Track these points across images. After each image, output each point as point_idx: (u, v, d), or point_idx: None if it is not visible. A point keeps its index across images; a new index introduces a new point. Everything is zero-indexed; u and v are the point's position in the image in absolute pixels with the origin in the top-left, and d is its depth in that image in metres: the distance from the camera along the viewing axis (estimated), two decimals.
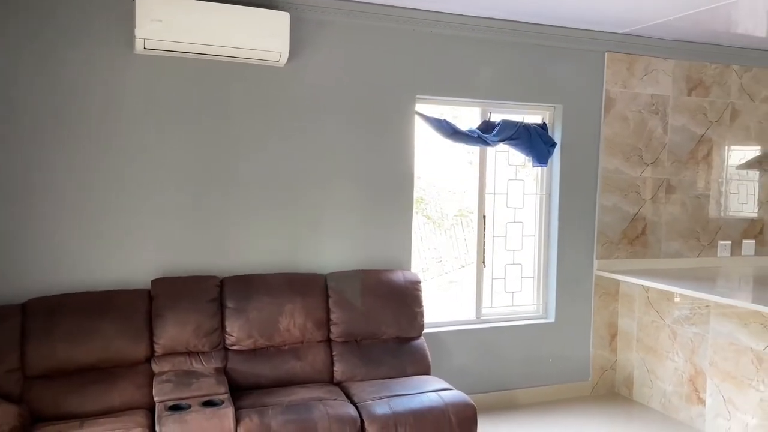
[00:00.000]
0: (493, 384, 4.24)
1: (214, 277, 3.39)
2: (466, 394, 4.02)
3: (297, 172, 3.68)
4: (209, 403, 2.80)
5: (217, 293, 3.33)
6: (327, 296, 3.52)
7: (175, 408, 2.75)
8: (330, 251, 3.76)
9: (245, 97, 3.54)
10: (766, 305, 3.33)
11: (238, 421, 2.77)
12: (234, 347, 3.30)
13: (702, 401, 3.90)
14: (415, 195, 4.04)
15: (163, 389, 2.88)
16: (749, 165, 4.91)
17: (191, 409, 2.73)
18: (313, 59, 3.66)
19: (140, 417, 2.80)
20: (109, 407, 2.92)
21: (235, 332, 3.29)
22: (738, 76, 4.77)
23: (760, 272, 4.61)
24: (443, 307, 6.84)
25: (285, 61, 3.45)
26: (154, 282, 3.29)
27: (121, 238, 3.34)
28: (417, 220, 7.53)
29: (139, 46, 3.15)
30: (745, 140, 4.86)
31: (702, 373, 3.90)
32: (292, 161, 3.66)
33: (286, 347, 3.39)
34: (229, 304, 3.31)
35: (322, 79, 3.69)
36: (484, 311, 4.34)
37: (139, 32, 3.06)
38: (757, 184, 4.95)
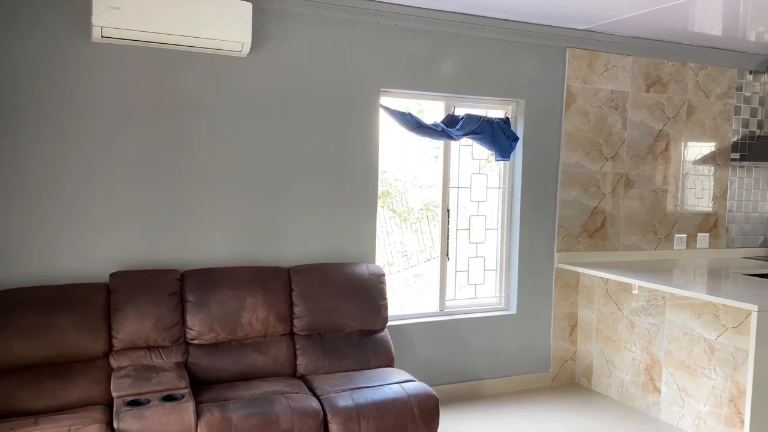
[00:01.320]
0: (456, 375, 4.28)
1: (174, 271, 3.34)
2: (430, 385, 4.08)
3: (260, 165, 3.64)
4: (169, 398, 2.76)
5: (177, 287, 3.28)
6: (290, 289, 3.50)
7: (134, 403, 2.71)
8: (293, 244, 3.75)
9: (206, 88, 3.48)
10: (718, 296, 3.44)
11: (198, 415, 2.74)
12: (195, 341, 3.27)
13: (658, 390, 4.01)
14: (382, 189, 4.04)
15: (122, 384, 2.83)
16: (704, 160, 5.05)
17: (150, 404, 2.69)
18: (276, 50, 3.63)
19: (98, 413, 2.75)
20: (65, 403, 2.86)
21: (197, 326, 3.25)
22: (694, 73, 4.90)
23: (714, 264, 4.75)
24: (408, 300, 6.90)
25: (247, 52, 3.41)
26: (112, 275, 3.22)
27: (78, 232, 3.26)
28: (383, 214, 7.56)
29: (96, 34, 3.08)
30: (701, 136, 5.00)
31: (658, 363, 4.01)
32: (255, 153, 3.63)
33: (249, 341, 3.37)
34: (190, 297, 3.27)
35: (285, 71, 3.66)
36: (447, 304, 4.38)
37: (96, 20, 2.98)
38: (712, 179, 5.10)
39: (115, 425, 2.61)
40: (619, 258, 4.72)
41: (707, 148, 5.05)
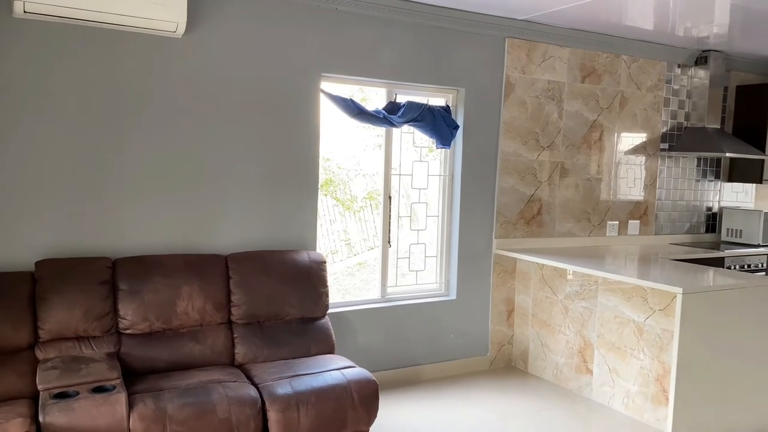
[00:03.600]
0: (397, 361, 4.32)
1: (105, 258, 3.22)
2: (371, 371, 4.10)
3: (196, 150, 3.55)
4: (100, 389, 2.66)
5: (109, 275, 3.17)
6: (228, 277, 3.44)
7: (62, 396, 2.60)
8: (232, 232, 3.67)
9: (139, 70, 3.36)
10: (646, 280, 3.58)
11: (131, 406, 2.66)
12: (128, 331, 3.16)
13: (590, 371, 4.16)
14: (325, 177, 4.01)
15: (48, 376, 2.71)
16: (636, 150, 5.24)
17: (79, 396, 2.59)
18: (213, 32, 3.53)
19: (22, 407, 2.62)
20: None
21: (129, 315, 3.15)
22: (627, 65, 5.06)
23: (644, 250, 4.95)
24: (353, 289, 6.90)
25: (182, 33, 3.30)
26: (38, 264, 3.08)
27: (0, 218, 3.09)
28: (326, 202, 7.51)
29: (18, 8, 2.91)
30: (633, 127, 5.18)
31: (590, 345, 4.15)
32: (191, 138, 3.53)
33: (185, 330, 3.29)
34: (122, 286, 3.16)
35: (222, 53, 3.57)
36: (389, 290, 4.40)
37: None
38: (642, 169, 5.30)
39: (41, 419, 2.50)
40: (554, 244, 4.86)
41: (639, 138, 5.24)
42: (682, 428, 3.46)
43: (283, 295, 3.52)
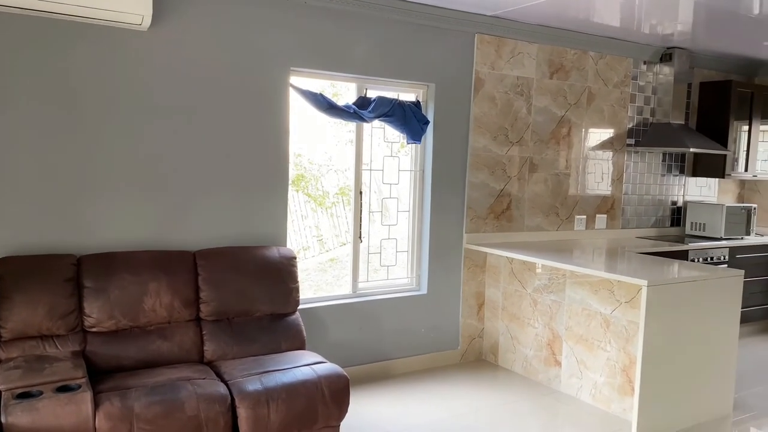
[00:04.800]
0: (369, 356, 4.32)
1: (70, 255, 3.15)
2: (342, 367, 4.10)
3: (163, 145, 3.50)
4: (64, 389, 2.61)
5: (73, 272, 3.11)
6: (196, 274, 3.40)
7: (25, 395, 2.54)
8: (200, 228, 3.63)
9: (103, 63, 3.29)
10: (613, 273, 3.65)
11: (97, 405, 2.61)
12: (94, 329, 3.11)
13: (558, 363, 4.22)
14: (296, 173, 3.99)
15: (10, 376, 2.65)
16: (603, 146, 5.32)
17: (43, 395, 2.54)
18: (180, 26, 3.48)
19: None
20: None
21: (95, 313, 3.09)
22: (594, 62, 5.13)
23: (611, 244, 5.04)
24: (323, 284, 6.88)
25: (148, 26, 3.24)
26: None
27: None
28: (298, 198, 7.47)
29: None
30: (600, 122, 5.26)
31: (558, 338, 4.22)
32: (158, 133, 3.48)
33: (152, 327, 3.25)
34: (88, 283, 3.11)
35: (189, 47, 3.52)
36: (360, 285, 4.40)
37: None
38: (610, 164, 5.38)
39: (2, 419, 2.44)
40: (523, 238, 4.91)
41: (606, 134, 5.32)
42: (647, 417, 3.53)
43: (252, 292, 3.49)
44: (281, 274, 3.63)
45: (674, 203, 5.92)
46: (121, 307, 3.14)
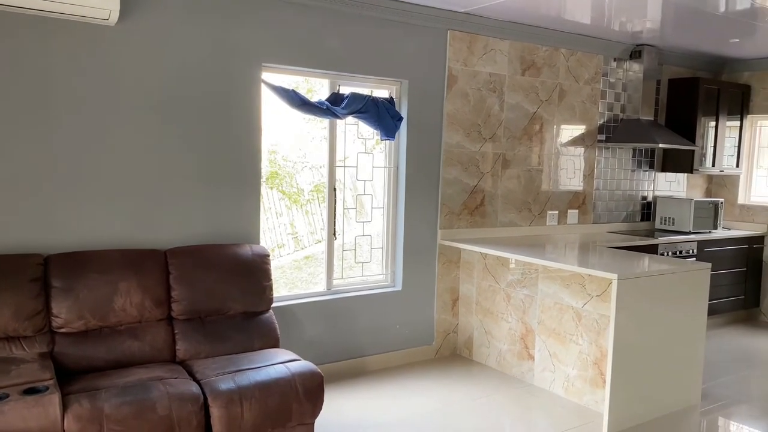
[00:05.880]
0: (344, 353, 4.32)
1: (36, 255, 3.09)
2: (317, 364, 4.09)
3: (133, 142, 3.44)
4: (32, 391, 2.56)
5: (40, 272, 3.05)
6: (167, 272, 3.36)
7: None
8: (171, 226, 3.59)
9: (70, 58, 3.23)
10: (585, 268, 3.69)
11: (66, 407, 2.57)
12: (62, 330, 3.06)
13: (531, 357, 4.27)
14: (270, 170, 3.96)
15: None
16: (575, 142, 5.38)
17: (9, 398, 2.49)
18: (149, 20, 3.42)
19: None
20: None
21: (63, 314, 3.04)
22: (565, 58, 5.19)
23: (582, 239, 5.11)
24: (299, 282, 6.86)
25: (116, 20, 3.19)
26: None
27: None
28: (273, 195, 7.42)
29: None
30: (571, 119, 5.32)
31: (531, 332, 4.26)
32: (128, 130, 3.42)
33: (123, 327, 3.20)
34: (55, 283, 3.05)
35: (159, 43, 3.47)
36: (335, 282, 4.39)
37: None
38: (582, 160, 5.45)
39: None
40: (497, 234, 4.95)
41: (577, 130, 5.38)
42: (618, 409, 3.59)
43: (225, 290, 3.46)
44: (254, 272, 3.60)
45: (644, 198, 6.02)
46: (91, 307, 3.09)
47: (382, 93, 4.43)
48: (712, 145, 6.02)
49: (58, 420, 2.51)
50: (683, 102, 5.93)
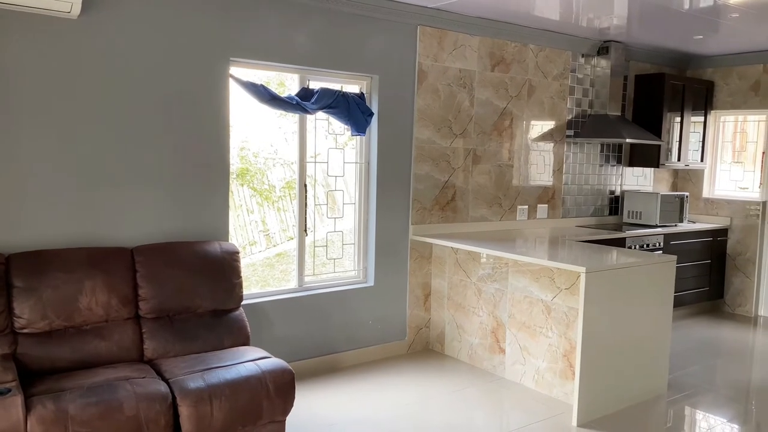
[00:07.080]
0: (316, 350, 4.30)
1: None
2: (289, 362, 4.08)
3: (96, 139, 3.37)
4: None
5: (2, 272, 2.97)
6: (134, 271, 3.30)
7: None
8: (138, 224, 3.53)
9: (29, 52, 3.14)
10: (554, 261, 3.73)
11: (29, 409, 2.51)
12: (25, 330, 2.98)
13: (502, 350, 4.30)
14: (240, 166, 3.91)
15: None
16: (544, 137, 5.44)
17: None
18: (112, 13, 3.35)
19: None
20: None
21: (26, 314, 2.97)
22: (534, 54, 5.23)
23: (552, 233, 5.16)
24: (270, 279, 6.80)
25: (78, 13, 3.11)
26: None
27: None
28: (243, 192, 7.34)
29: None
30: (540, 114, 5.37)
31: (502, 325, 4.30)
32: (91, 126, 3.35)
33: (89, 327, 3.14)
34: (17, 283, 2.97)
35: (122, 36, 3.40)
36: (306, 279, 4.37)
37: None
38: (551, 155, 5.51)
39: None
40: (468, 229, 4.98)
41: (546, 125, 5.43)
42: (587, 400, 3.64)
43: (193, 288, 3.42)
44: (223, 270, 3.56)
45: (612, 192, 6.11)
46: (55, 307, 3.02)
47: (352, 88, 4.41)
48: (678, 140, 6.14)
49: (21, 422, 2.45)
50: (649, 97, 6.03)
